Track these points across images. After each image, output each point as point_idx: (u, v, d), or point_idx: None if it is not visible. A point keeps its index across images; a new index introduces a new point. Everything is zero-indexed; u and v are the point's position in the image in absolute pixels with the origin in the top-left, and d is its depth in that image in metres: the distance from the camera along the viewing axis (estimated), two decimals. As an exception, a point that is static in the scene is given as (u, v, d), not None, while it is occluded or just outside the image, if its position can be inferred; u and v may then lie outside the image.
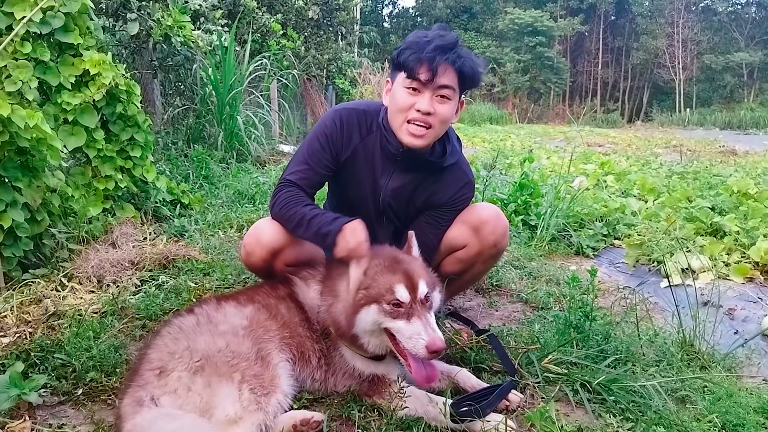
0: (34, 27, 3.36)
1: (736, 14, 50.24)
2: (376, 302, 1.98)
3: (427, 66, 2.21)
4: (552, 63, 46.89)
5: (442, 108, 2.31)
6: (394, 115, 2.36)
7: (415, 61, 2.22)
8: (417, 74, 2.24)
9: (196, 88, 7.92)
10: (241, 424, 1.76)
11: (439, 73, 2.23)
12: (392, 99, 2.38)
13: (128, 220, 3.93)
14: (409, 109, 2.30)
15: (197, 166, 6.29)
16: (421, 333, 1.90)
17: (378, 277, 2.02)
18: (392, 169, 2.50)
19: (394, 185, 2.51)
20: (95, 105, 3.82)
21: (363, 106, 2.56)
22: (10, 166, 2.86)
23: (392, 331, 1.97)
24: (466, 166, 2.64)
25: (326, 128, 2.47)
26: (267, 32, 11.51)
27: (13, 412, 1.98)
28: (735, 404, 2.09)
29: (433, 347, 1.86)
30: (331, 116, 2.51)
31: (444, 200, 2.57)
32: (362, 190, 2.47)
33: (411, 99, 2.29)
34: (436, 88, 2.27)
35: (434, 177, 2.53)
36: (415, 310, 1.95)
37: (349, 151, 2.49)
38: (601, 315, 2.75)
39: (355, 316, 2.00)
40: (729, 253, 4.20)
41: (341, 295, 2.10)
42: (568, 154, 9.77)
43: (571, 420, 2.06)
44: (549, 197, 5.14)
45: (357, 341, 2.06)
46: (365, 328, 2.01)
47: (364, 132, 2.50)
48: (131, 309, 2.89)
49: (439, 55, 2.21)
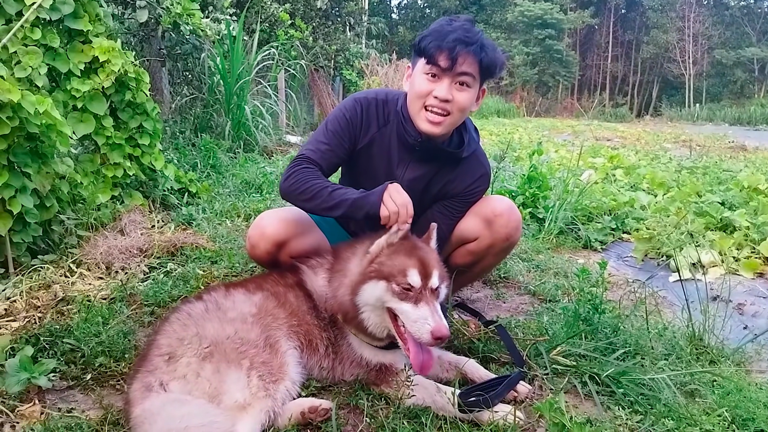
0: (43, 13, 3.35)
1: (748, 9, 49.77)
2: (386, 280, 1.98)
3: (448, 53, 2.19)
4: (561, 56, 46.63)
5: (461, 96, 2.28)
6: (413, 101, 2.34)
7: (435, 47, 2.20)
8: (437, 60, 2.21)
9: (204, 77, 7.92)
10: (250, 410, 1.76)
11: (459, 60, 2.20)
12: (411, 85, 2.35)
13: (136, 208, 3.94)
14: (427, 96, 2.27)
15: (205, 155, 6.31)
16: (428, 318, 1.90)
17: (394, 256, 2.03)
18: (408, 160, 2.47)
19: (411, 176, 2.48)
20: (104, 92, 3.82)
21: (382, 95, 2.52)
22: (20, 151, 2.86)
23: (397, 312, 1.97)
24: (483, 156, 2.62)
25: (347, 112, 2.44)
26: (275, 22, 11.49)
27: (23, 395, 1.99)
28: (745, 398, 2.07)
29: (438, 333, 1.86)
30: (351, 102, 2.48)
31: (459, 190, 2.54)
32: (377, 181, 2.44)
33: (430, 85, 2.27)
34: (455, 75, 2.24)
35: (450, 167, 2.50)
36: (424, 296, 1.95)
37: (366, 139, 2.46)
38: (610, 308, 2.73)
39: (361, 286, 2.01)
40: (739, 248, 4.17)
41: (351, 271, 2.10)
42: (577, 147, 9.73)
43: (579, 412, 2.06)
44: (557, 190, 5.12)
45: (357, 315, 2.05)
46: (368, 301, 2.01)
47: (381, 122, 2.47)
48: (140, 295, 2.90)
49: (460, 43, 2.18)
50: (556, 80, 46.67)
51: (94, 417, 1.90)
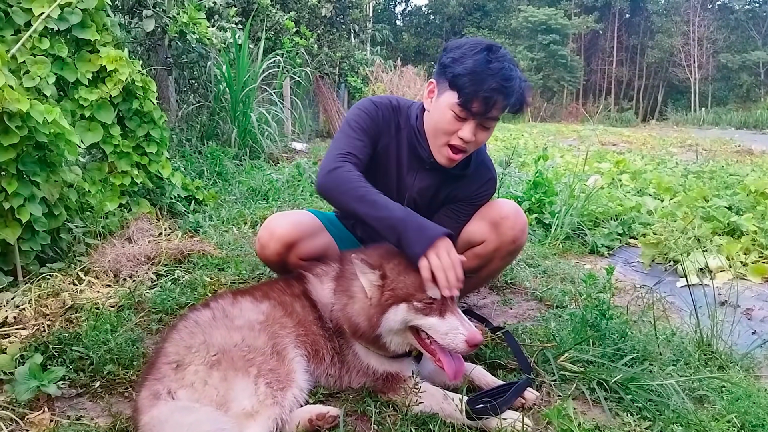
0: (51, 23, 3.39)
1: (753, 12, 49.69)
2: (405, 301, 1.95)
3: (483, 102, 2.13)
4: (566, 61, 46.65)
5: (483, 136, 2.27)
6: (436, 134, 2.29)
7: (471, 93, 2.12)
8: (470, 106, 2.15)
9: (210, 85, 7.97)
10: (258, 417, 1.76)
11: (492, 109, 2.17)
12: (435, 112, 2.28)
13: (144, 216, 3.96)
14: (452, 134, 2.24)
15: (211, 162, 6.34)
16: (459, 328, 1.89)
17: (404, 275, 1.99)
18: (418, 169, 2.47)
19: (421, 185, 2.48)
20: (112, 101, 3.85)
21: (394, 101, 2.49)
22: (29, 160, 2.89)
23: (423, 329, 1.95)
24: (489, 161, 2.63)
25: (369, 112, 2.39)
26: (280, 30, 11.56)
27: (32, 403, 2.00)
28: (754, 404, 2.06)
29: (473, 341, 1.86)
30: (369, 104, 2.43)
31: (466, 194, 2.55)
32: (388, 184, 2.43)
33: (456, 125, 2.21)
34: (483, 120, 2.21)
35: (457, 176, 2.51)
36: (447, 306, 1.94)
37: (385, 140, 2.43)
38: (618, 314, 2.72)
39: (382, 317, 1.96)
40: (746, 253, 4.15)
41: (357, 296, 2.06)
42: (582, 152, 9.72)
43: (588, 418, 2.04)
44: (563, 195, 5.11)
45: (379, 341, 2.03)
46: (392, 327, 1.97)
47: (396, 127, 2.45)
48: (148, 303, 2.91)
49: (498, 94, 2.13)
50: (561, 85, 46.70)
51: (103, 425, 1.90)
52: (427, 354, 1.99)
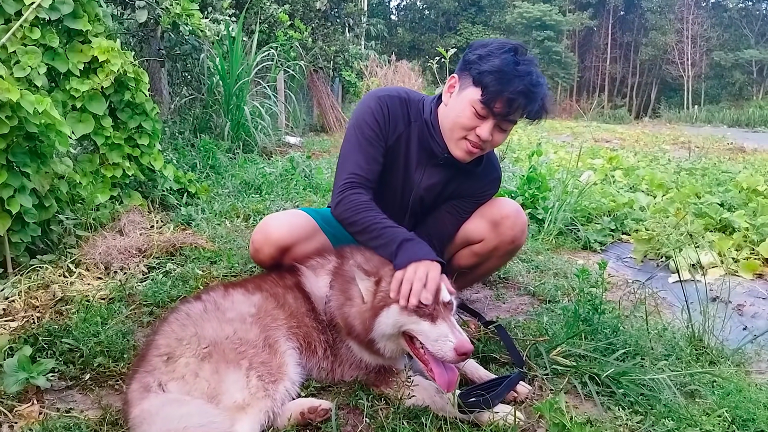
0: (43, 13, 3.35)
1: (746, 11, 49.92)
2: (396, 302, 1.92)
3: (507, 103, 2.13)
4: (560, 58, 46.70)
5: (499, 137, 2.26)
6: (453, 127, 2.27)
7: (496, 92, 2.11)
8: (493, 105, 2.14)
9: (203, 77, 7.92)
10: (249, 410, 1.75)
11: (513, 112, 2.17)
12: (456, 106, 2.25)
13: (135, 208, 3.93)
14: (470, 131, 2.22)
15: (204, 155, 6.30)
16: (448, 335, 1.84)
17: None
18: (426, 164, 2.43)
19: (428, 182, 2.45)
20: (103, 92, 3.81)
21: (403, 94, 2.44)
22: (19, 151, 2.86)
23: (414, 334, 1.92)
24: (495, 160, 2.62)
25: (375, 113, 2.34)
26: (274, 23, 11.49)
27: (21, 395, 1.98)
28: (744, 399, 2.07)
29: (462, 349, 1.81)
30: (375, 102, 2.36)
31: (471, 192, 2.54)
32: (394, 181, 2.39)
33: (475, 122, 2.20)
34: (502, 121, 2.20)
35: (467, 172, 2.49)
36: (439, 311, 1.90)
37: (394, 137, 2.38)
38: (610, 308, 2.73)
39: (375, 320, 1.95)
40: (738, 250, 4.18)
41: (355, 299, 2.05)
42: (576, 148, 9.74)
43: (579, 412, 2.05)
44: (557, 191, 5.11)
45: (373, 347, 2.01)
46: (385, 331, 1.94)
47: (405, 121, 2.40)
48: (139, 296, 2.89)
49: (524, 97, 2.12)
50: (555, 82, 46.71)
51: (92, 417, 1.89)
52: (421, 364, 1.97)
